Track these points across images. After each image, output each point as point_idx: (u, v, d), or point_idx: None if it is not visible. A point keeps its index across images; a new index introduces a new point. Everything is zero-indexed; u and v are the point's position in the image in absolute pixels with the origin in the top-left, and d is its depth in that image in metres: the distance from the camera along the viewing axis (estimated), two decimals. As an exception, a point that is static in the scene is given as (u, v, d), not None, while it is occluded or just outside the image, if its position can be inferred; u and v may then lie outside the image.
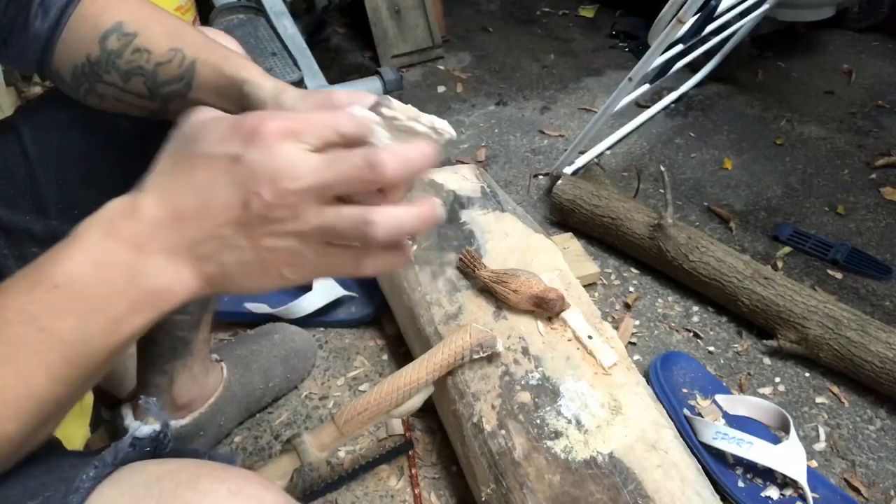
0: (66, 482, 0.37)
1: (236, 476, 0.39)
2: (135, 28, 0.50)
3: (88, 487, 0.37)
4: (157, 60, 0.50)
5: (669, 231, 1.14)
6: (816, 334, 1.01)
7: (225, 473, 0.39)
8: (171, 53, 0.50)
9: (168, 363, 0.79)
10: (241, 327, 1.09)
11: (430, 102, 1.81)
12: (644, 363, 1.05)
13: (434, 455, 0.92)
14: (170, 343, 0.77)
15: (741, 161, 1.56)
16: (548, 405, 0.76)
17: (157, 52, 0.50)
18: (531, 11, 2.36)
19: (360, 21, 1.98)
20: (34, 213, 0.57)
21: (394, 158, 0.33)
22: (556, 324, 0.85)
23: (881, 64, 2.00)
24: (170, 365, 0.79)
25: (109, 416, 0.94)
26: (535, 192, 1.46)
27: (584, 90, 1.88)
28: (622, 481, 0.69)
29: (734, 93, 1.84)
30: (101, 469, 0.37)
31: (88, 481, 0.37)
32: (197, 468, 0.39)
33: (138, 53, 0.50)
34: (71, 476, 0.37)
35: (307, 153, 0.33)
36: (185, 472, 0.38)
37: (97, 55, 0.51)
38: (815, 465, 0.92)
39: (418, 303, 0.91)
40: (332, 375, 1.03)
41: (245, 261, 0.34)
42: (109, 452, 0.39)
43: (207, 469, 0.39)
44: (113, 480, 0.38)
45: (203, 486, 0.37)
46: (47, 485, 0.39)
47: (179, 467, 0.39)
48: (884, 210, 1.41)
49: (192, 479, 0.37)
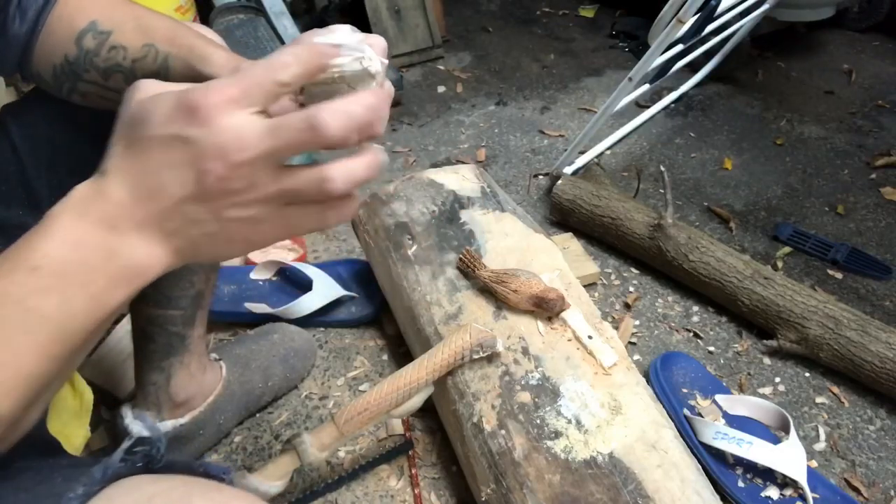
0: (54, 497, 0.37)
1: (229, 497, 0.39)
2: (109, 26, 0.51)
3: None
4: (133, 57, 0.51)
5: (669, 231, 1.14)
6: (816, 334, 1.01)
7: (217, 494, 0.39)
8: (144, 50, 0.51)
9: (164, 359, 0.79)
10: (241, 327, 1.09)
11: (430, 102, 1.81)
12: (644, 363, 1.05)
13: (434, 455, 0.92)
14: (165, 339, 0.77)
15: (741, 161, 1.56)
16: (548, 405, 0.76)
17: (132, 49, 0.51)
18: (531, 11, 2.36)
19: (360, 21, 1.98)
20: (27, 208, 0.57)
21: (334, 117, 0.33)
22: (556, 324, 0.85)
23: (881, 64, 2.00)
24: (166, 361, 0.79)
25: (109, 416, 0.94)
26: (535, 192, 1.46)
27: (584, 90, 1.88)
28: (622, 481, 0.69)
29: (734, 93, 1.84)
30: (89, 486, 0.37)
31: (76, 500, 0.36)
32: (188, 488, 0.39)
33: (115, 51, 0.51)
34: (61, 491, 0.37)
35: (252, 121, 0.33)
36: (177, 491, 0.38)
37: (75, 54, 0.51)
38: (815, 465, 0.92)
39: (418, 303, 0.91)
40: (332, 375, 1.03)
41: (210, 232, 0.35)
42: (99, 468, 0.38)
43: (199, 488, 0.39)
44: (105, 497, 0.37)
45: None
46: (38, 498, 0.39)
47: (171, 487, 0.38)
48: (884, 210, 1.41)
49: (184, 499, 0.37)
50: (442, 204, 1.02)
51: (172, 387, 0.80)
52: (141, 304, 0.75)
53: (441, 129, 1.70)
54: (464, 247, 0.94)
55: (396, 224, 1.00)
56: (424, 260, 0.95)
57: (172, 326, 0.77)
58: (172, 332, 0.77)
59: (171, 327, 0.77)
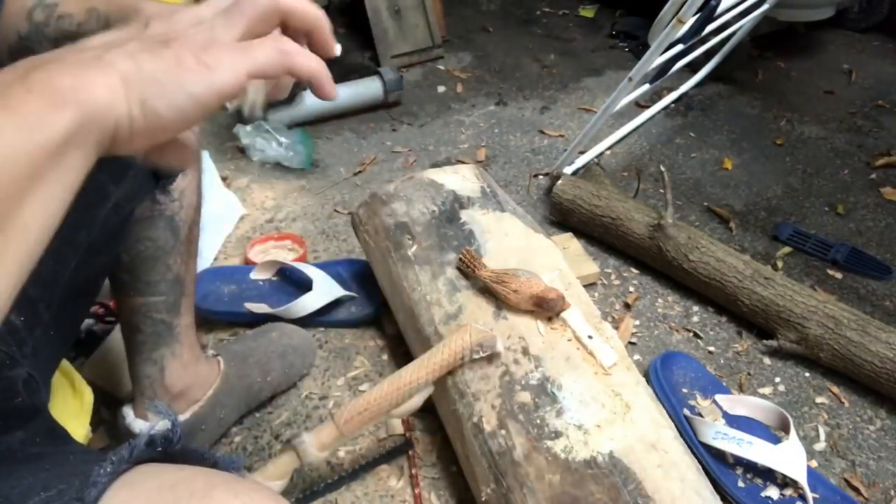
0: (79, 476, 0.37)
1: (249, 489, 0.40)
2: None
3: (104, 483, 0.37)
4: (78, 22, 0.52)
5: (669, 231, 1.14)
6: (816, 334, 1.01)
7: (238, 486, 0.40)
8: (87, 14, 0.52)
9: (154, 350, 0.79)
10: (241, 327, 1.09)
11: (430, 102, 1.81)
12: (644, 363, 1.05)
13: (434, 455, 0.92)
14: (151, 328, 0.78)
15: (741, 161, 1.56)
16: (548, 405, 0.76)
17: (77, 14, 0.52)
18: (531, 11, 2.36)
19: (360, 21, 1.98)
20: None
21: None
22: (556, 324, 0.85)
23: (881, 64, 2.00)
24: (157, 353, 0.79)
25: (109, 417, 0.94)
26: (535, 192, 1.46)
27: (584, 90, 1.88)
28: (622, 481, 0.69)
29: (734, 93, 1.85)
30: (117, 465, 0.38)
31: (105, 476, 0.37)
32: (210, 478, 0.39)
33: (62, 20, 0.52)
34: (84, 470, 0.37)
35: None
36: (199, 481, 0.39)
37: (27, 30, 0.52)
38: (815, 465, 0.92)
39: (418, 303, 0.91)
40: (332, 375, 1.03)
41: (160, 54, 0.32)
42: (125, 449, 0.39)
43: (221, 480, 0.39)
44: (128, 482, 0.38)
45: (217, 497, 0.38)
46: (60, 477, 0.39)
47: (193, 475, 0.39)
48: (884, 210, 1.41)
49: (207, 490, 0.38)
50: (442, 204, 1.02)
51: (167, 378, 0.81)
52: (123, 296, 0.76)
53: (441, 129, 1.70)
54: (464, 247, 0.94)
55: (396, 224, 1.00)
56: (424, 260, 0.95)
57: (157, 314, 0.77)
58: (158, 319, 0.78)
59: (156, 315, 0.77)
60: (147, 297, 0.76)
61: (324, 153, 1.58)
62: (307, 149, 1.51)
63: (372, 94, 1.71)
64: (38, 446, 0.49)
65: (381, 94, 1.71)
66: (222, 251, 1.27)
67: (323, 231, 1.33)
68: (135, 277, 0.74)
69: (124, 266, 0.73)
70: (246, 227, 1.33)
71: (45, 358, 0.60)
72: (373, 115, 1.74)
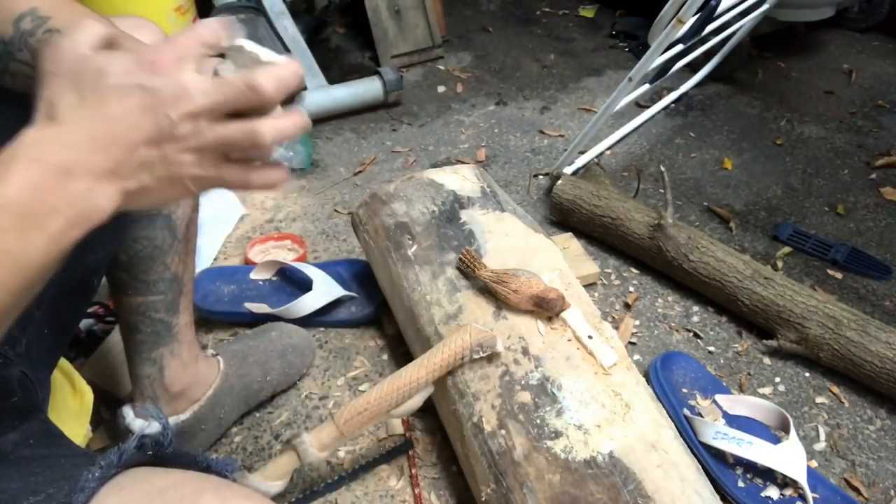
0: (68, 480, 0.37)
1: (239, 495, 0.40)
2: (49, 13, 0.52)
3: (93, 488, 0.37)
4: None
5: (669, 231, 1.14)
6: (816, 334, 1.01)
7: (228, 492, 0.40)
8: None
9: (154, 350, 0.79)
10: (241, 327, 1.09)
11: (430, 102, 1.81)
12: (644, 363, 1.05)
13: (434, 455, 0.92)
14: (150, 327, 0.78)
15: (741, 161, 1.56)
16: (548, 405, 0.76)
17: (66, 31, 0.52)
18: (531, 11, 2.36)
19: (360, 21, 1.98)
20: None
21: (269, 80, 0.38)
22: (556, 324, 0.85)
23: (881, 64, 2.00)
24: (156, 352, 0.79)
25: (109, 416, 0.94)
26: (535, 192, 1.46)
27: (584, 90, 1.88)
28: (622, 481, 0.69)
29: (734, 93, 1.85)
30: (106, 470, 0.38)
31: (93, 481, 0.37)
32: (199, 483, 0.39)
33: (49, 34, 0.52)
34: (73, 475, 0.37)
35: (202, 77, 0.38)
36: (189, 486, 0.39)
37: (10, 35, 0.52)
38: (815, 465, 0.92)
39: (418, 303, 0.91)
40: (332, 375, 1.03)
41: (159, 176, 0.39)
42: (114, 453, 0.39)
43: (210, 485, 0.39)
44: (117, 486, 0.38)
45: (206, 502, 0.37)
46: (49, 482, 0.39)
47: (183, 480, 0.39)
48: (884, 210, 1.41)
49: (196, 495, 0.38)
50: (442, 204, 1.02)
51: (166, 378, 0.81)
52: (122, 295, 0.76)
53: (441, 129, 1.70)
54: (464, 247, 0.94)
55: (396, 224, 1.00)
56: (424, 260, 0.95)
57: (155, 313, 0.77)
58: (156, 318, 0.78)
59: (154, 314, 0.77)
60: (145, 296, 0.76)
61: (324, 153, 1.58)
62: (307, 149, 1.51)
63: (372, 94, 1.71)
64: (31, 448, 0.49)
65: (381, 94, 1.71)
66: (222, 251, 1.27)
67: (323, 231, 1.33)
68: (133, 276, 0.74)
69: (122, 265, 0.73)
70: (246, 227, 1.33)
71: (39, 357, 0.60)
72: (373, 115, 1.74)
